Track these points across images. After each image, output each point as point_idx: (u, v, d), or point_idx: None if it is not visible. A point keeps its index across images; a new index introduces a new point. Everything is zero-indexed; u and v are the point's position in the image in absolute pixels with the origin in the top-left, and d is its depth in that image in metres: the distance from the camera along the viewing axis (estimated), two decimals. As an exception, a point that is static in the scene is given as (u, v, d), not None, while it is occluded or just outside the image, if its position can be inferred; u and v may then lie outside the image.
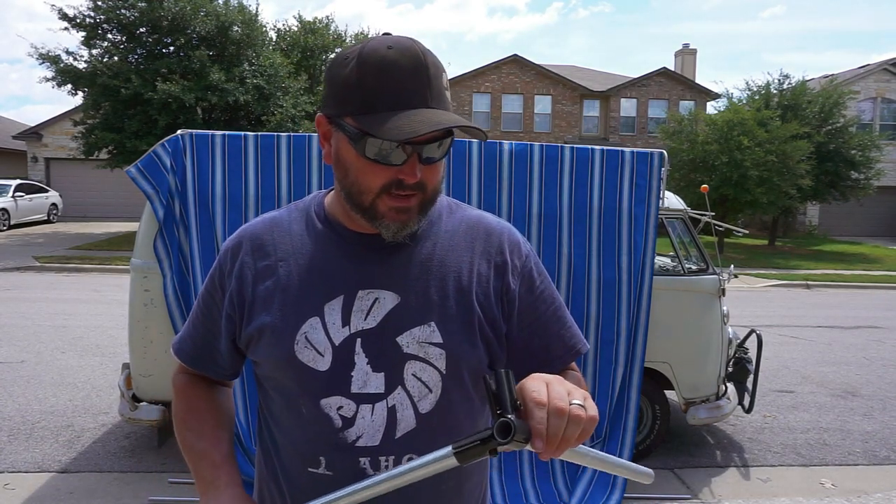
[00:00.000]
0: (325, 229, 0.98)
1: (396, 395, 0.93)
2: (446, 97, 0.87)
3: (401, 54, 0.84)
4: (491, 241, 1.00)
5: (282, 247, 0.97)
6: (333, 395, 0.92)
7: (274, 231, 0.99)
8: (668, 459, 3.96)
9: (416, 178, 0.85)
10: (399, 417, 0.93)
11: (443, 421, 0.95)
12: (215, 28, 14.23)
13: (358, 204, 0.90)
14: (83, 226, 18.62)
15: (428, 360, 0.93)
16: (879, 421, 4.85)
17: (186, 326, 1.08)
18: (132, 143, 13.53)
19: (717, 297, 3.88)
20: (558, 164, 3.35)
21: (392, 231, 0.89)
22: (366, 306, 0.93)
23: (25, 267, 11.24)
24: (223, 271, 1.00)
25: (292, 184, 3.22)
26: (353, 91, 0.85)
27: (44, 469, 3.61)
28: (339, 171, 0.91)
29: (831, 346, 7.23)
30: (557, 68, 26.10)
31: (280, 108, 14.75)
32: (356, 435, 0.92)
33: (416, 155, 0.85)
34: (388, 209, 0.88)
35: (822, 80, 21.22)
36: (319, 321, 0.92)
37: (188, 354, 1.06)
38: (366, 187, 0.87)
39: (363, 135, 0.84)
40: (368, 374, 0.92)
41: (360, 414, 0.92)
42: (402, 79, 0.83)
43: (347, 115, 0.86)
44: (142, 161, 3.20)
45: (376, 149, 0.84)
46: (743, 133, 15.71)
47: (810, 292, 11.97)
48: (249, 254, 0.98)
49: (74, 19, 14.20)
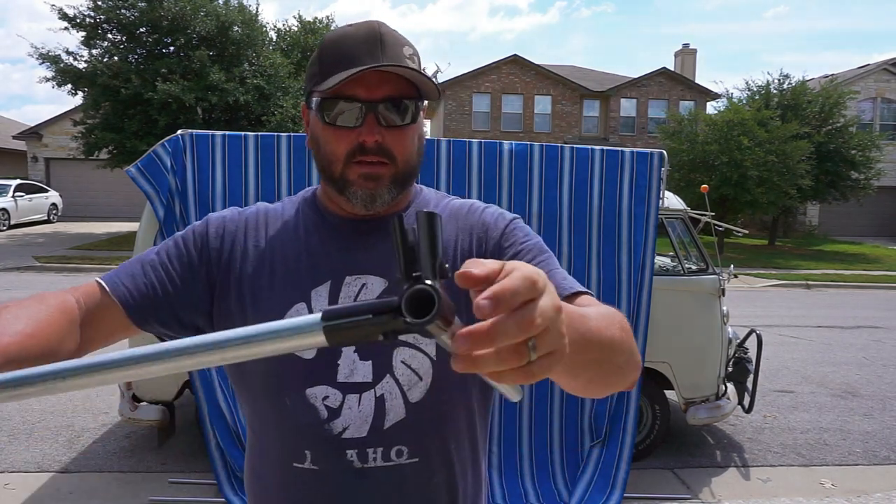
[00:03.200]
0: (314, 216, 0.97)
1: (385, 383, 0.89)
2: (404, 62, 0.86)
3: (356, 28, 0.88)
4: (471, 216, 0.97)
5: (273, 230, 0.96)
6: (319, 385, 0.89)
7: (268, 216, 0.98)
8: (668, 459, 3.96)
9: (373, 138, 0.85)
10: (388, 407, 0.89)
11: (435, 411, 0.90)
12: (215, 28, 14.23)
13: (330, 176, 0.90)
14: (83, 226, 18.61)
15: (417, 346, 0.90)
16: (879, 421, 4.85)
17: (125, 265, 0.92)
18: (132, 143, 13.52)
19: (716, 297, 3.88)
20: (558, 164, 3.35)
21: (362, 200, 0.88)
22: (353, 292, 0.91)
23: (25, 267, 11.24)
24: (207, 239, 0.93)
25: (292, 184, 3.22)
26: (315, 67, 0.90)
27: (44, 469, 3.61)
28: (315, 149, 0.93)
29: (831, 346, 7.23)
30: (557, 68, 26.10)
31: (280, 109, 14.73)
32: (342, 426, 0.88)
33: (371, 115, 0.85)
34: (357, 176, 0.88)
35: (822, 80, 21.21)
36: (306, 307, 0.90)
37: (114, 281, 0.88)
38: (332, 155, 0.88)
39: (321, 100, 0.87)
40: (355, 363, 0.89)
41: (347, 404, 0.89)
42: (353, 45, 0.86)
43: (312, 91, 0.90)
44: (142, 161, 3.20)
45: (333, 112, 0.87)
46: (743, 133, 15.71)
47: (810, 292, 11.96)
48: (243, 231, 0.95)
49: (74, 19, 14.19)
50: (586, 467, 3.40)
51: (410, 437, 0.89)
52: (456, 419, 0.93)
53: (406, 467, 0.89)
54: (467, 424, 0.95)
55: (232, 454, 3.26)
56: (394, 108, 0.86)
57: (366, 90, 0.85)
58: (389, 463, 0.89)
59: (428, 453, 0.90)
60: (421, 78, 0.85)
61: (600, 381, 0.68)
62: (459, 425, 0.94)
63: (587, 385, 0.68)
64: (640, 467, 3.76)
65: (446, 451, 0.92)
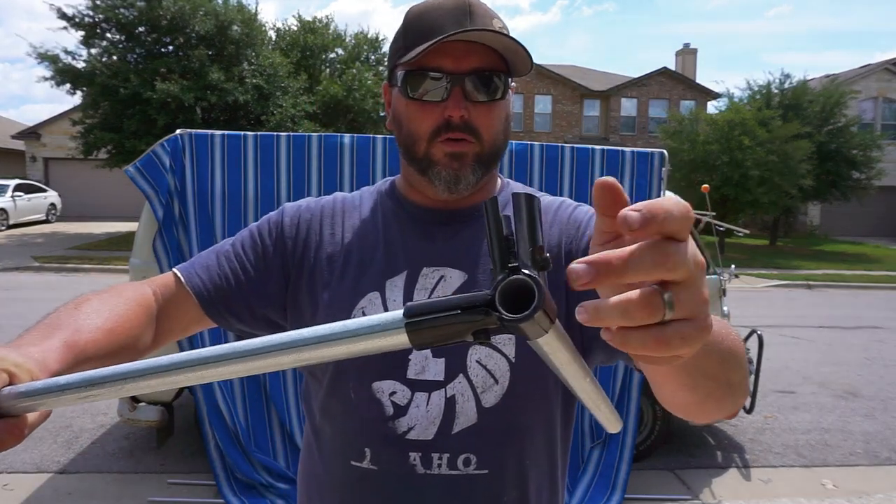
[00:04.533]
0: (392, 205, 0.93)
1: (457, 384, 0.82)
2: (494, 27, 0.81)
3: (443, 0, 0.83)
4: (562, 213, 0.91)
5: (349, 220, 0.92)
6: (387, 379, 0.83)
7: (345, 205, 0.95)
8: (668, 460, 3.95)
9: (460, 112, 0.80)
10: (458, 410, 0.82)
11: (510, 420, 0.82)
12: (214, 27, 14.21)
13: (413, 156, 0.85)
14: (82, 226, 18.60)
15: (495, 346, 0.82)
16: (881, 421, 4.84)
17: (199, 256, 0.92)
18: (131, 142, 13.50)
19: (718, 297, 3.86)
20: (558, 163, 3.34)
21: (445, 181, 0.83)
22: (430, 284, 0.85)
23: (24, 267, 11.22)
24: (282, 229, 0.91)
25: (292, 184, 3.21)
26: (399, 42, 0.85)
27: (42, 470, 3.60)
28: (396, 129, 0.88)
29: (832, 347, 7.22)
30: (558, 68, 26.09)
31: (279, 108, 14.73)
32: (407, 426, 0.82)
33: (458, 89, 0.80)
34: (443, 155, 0.82)
35: (824, 80, 21.22)
36: (379, 297, 0.85)
37: (193, 272, 0.88)
38: (416, 133, 0.83)
39: (405, 74, 0.82)
40: (427, 359, 0.83)
41: (415, 402, 0.82)
42: (440, 15, 0.81)
43: (395, 66, 0.85)
44: (141, 161, 3.19)
45: (419, 87, 0.82)
46: (744, 133, 15.70)
47: (811, 292, 11.95)
48: (318, 220, 0.92)
49: (73, 18, 14.17)
50: (587, 468, 3.39)
51: (481, 446, 0.82)
52: (533, 431, 0.85)
53: (474, 478, 0.81)
54: (546, 439, 0.87)
55: (231, 455, 3.25)
56: (481, 81, 0.81)
57: (453, 61, 0.80)
58: (455, 472, 0.81)
59: (499, 466, 0.82)
60: (514, 46, 0.79)
61: (716, 399, 0.59)
62: (537, 439, 0.85)
63: (704, 400, 0.59)
64: (640, 468, 3.74)
65: (520, 467, 0.84)
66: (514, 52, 0.80)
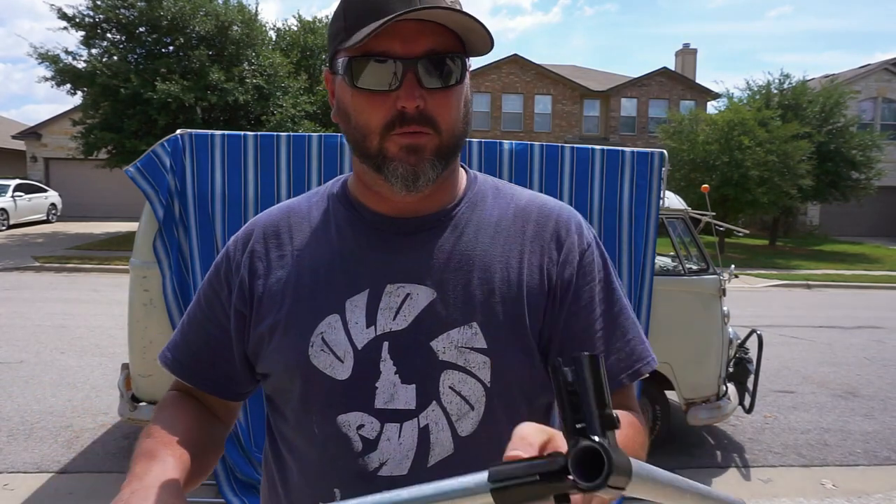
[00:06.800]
0: (347, 213, 0.84)
1: (430, 412, 0.76)
2: (446, 3, 0.72)
3: None
4: (545, 223, 0.83)
5: (299, 235, 0.84)
6: (353, 411, 0.76)
7: (291, 217, 0.86)
8: (668, 460, 3.95)
9: (414, 102, 0.71)
10: (433, 441, 0.76)
11: (488, 448, 0.73)
12: (215, 28, 14.22)
13: (366, 152, 0.76)
14: (82, 226, 18.60)
15: (469, 370, 0.76)
16: (880, 421, 4.84)
17: (179, 331, 0.90)
18: (131, 142, 13.51)
19: (717, 297, 3.87)
20: (558, 164, 3.34)
21: (402, 179, 0.74)
22: (395, 303, 0.78)
23: (24, 267, 11.23)
24: (230, 264, 0.85)
25: (292, 184, 3.21)
26: (338, 23, 0.76)
27: (43, 469, 3.61)
28: (343, 122, 0.79)
29: (832, 347, 7.22)
30: (558, 68, 26.09)
31: (280, 108, 14.73)
32: (379, 461, 0.76)
33: (410, 75, 0.71)
34: (398, 149, 0.74)
35: (823, 80, 21.21)
36: (339, 319, 0.78)
37: (181, 363, 0.88)
38: (367, 127, 0.75)
39: (348, 60, 0.73)
40: (396, 386, 0.76)
41: (385, 435, 0.76)
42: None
43: (336, 52, 0.76)
44: (141, 161, 3.19)
45: (366, 74, 0.73)
46: (743, 133, 15.71)
47: (811, 292, 11.95)
48: (261, 242, 0.84)
49: (74, 19, 14.18)
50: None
51: None
52: None
53: None
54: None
55: (231, 455, 3.25)
56: (436, 65, 0.73)
57: (402, 44, 0.71)
58: None
59: None
60: (470, 24, 0.71)
61: None
62: None
63: None
64: (640, 468, 3.74)
65: None
66: (472, 31, 0.72)
